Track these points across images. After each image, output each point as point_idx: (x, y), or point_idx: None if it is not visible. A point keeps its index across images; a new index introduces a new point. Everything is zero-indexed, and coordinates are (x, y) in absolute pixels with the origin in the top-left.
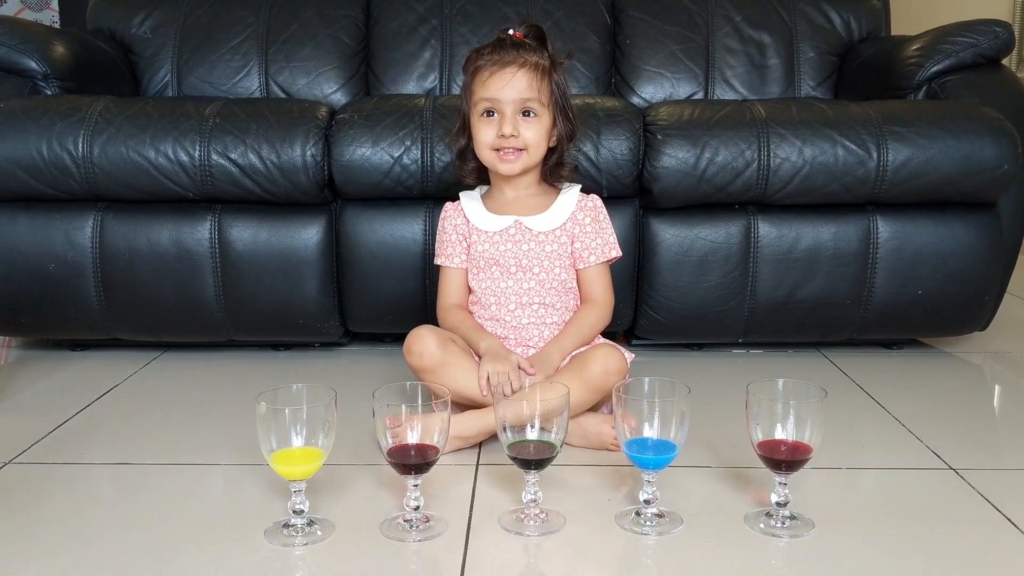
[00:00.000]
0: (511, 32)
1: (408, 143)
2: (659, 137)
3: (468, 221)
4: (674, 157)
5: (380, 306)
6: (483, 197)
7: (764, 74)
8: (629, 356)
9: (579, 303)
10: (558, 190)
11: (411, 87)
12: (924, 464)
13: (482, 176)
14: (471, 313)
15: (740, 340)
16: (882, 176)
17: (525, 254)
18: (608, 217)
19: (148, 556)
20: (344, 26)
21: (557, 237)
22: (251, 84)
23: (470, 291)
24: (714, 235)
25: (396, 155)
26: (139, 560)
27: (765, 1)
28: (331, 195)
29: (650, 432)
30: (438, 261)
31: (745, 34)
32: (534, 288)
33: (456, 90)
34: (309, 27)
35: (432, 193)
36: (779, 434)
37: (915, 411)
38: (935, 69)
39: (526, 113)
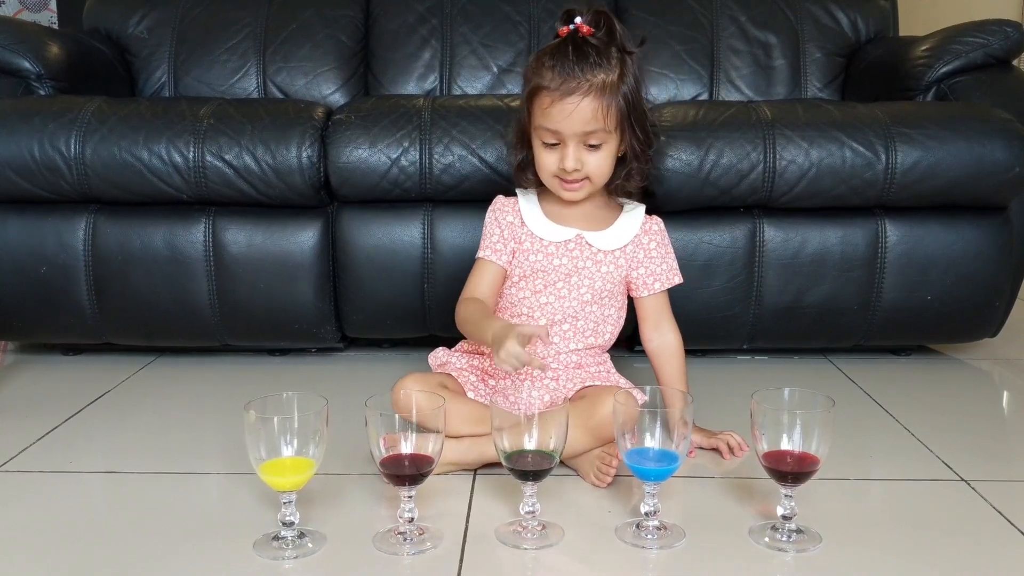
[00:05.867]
0: (577, 21)
1: (406, 144)
2: (663, 139)
3: (524, 224)
4: (678, 159)
5: (377, 311)
6: (540, 200)
7: (770, 75)
8: (640, 397)
9: (612, 334)
10: (620, 206)
11: (411, 88)
12: (935, 475)
13: (541, 182)
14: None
15: (745, 346)
16: (891, 179)
17: (579, 271)
18: (670, 241)
19: (134, 568)
20: (343, 26)
21: (616, 259)
22: (249, 85)
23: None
24: (719, 239)
25: (394, 156)
26: (124, 572)
27: (771, 1)
28: (327, 197)
29: (652, 442)
30: (481, 254)
31: (750, 34)
32: (572, 307)
33: (456, 91)
34: (308, 27)
35: (431, 195)
36: (785, 445)
37: (925, 420)
38: (944, 70)
39: (591, 142)
